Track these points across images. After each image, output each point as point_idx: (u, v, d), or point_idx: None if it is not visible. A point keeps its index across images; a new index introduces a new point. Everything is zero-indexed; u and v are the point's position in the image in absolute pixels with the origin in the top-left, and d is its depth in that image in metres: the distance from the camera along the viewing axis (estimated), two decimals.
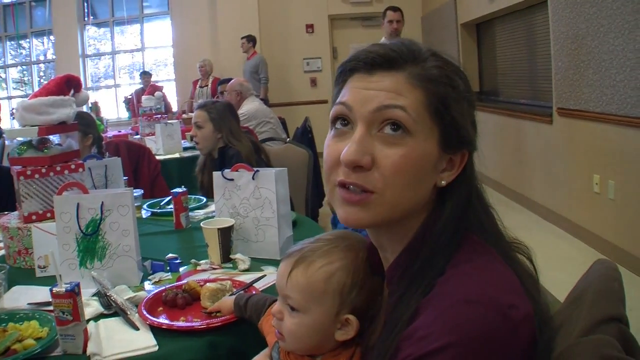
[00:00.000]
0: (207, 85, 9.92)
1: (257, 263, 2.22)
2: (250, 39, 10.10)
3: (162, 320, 1.71)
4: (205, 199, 3.29)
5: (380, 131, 1.03)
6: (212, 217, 2.62)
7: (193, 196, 3.33)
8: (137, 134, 6.89)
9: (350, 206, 1.04)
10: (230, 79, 7.03)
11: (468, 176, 1.09)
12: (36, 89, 11.20)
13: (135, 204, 2.71)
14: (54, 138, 2.56)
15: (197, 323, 1.69)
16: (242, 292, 1.80)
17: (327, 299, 1.20)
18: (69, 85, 2.56)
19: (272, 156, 3.92)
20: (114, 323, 1.73)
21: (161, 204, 3.28)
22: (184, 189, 2.85)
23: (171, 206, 2.89)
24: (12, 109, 10.75)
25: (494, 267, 1.01)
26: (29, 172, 2.37)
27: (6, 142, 4.69)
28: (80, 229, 2.06)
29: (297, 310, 1.23)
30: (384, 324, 1.06)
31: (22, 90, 13.02)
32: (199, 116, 3.69)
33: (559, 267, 4.27)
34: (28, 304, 1.90)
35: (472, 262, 1.00)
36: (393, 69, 1.04)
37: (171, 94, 11.34)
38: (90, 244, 2.06)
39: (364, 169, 1.01)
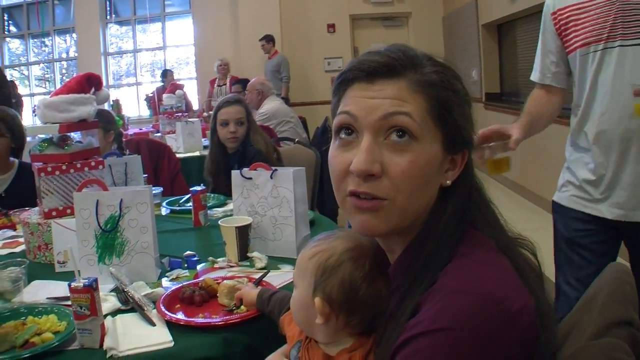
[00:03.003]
0: (225, 84, 9.93)
1: (274, 261, 2.22)
2: (269, 39, 10.10)
3: (180, 316, 1.73)
4: (224, 198, 3.30)
5: (386, 139, 1.05)
6: (231, 215, 2.63)
7: (212, 194, 3.34)
8: (158, 131, 6.92)
9: (362, 213, 1.06)
10: (245, 80, 7.03)
11: (468, 173, 1.13)
12: (58, 86, 11.30)
13: (155, 202, 2.74)
14: (75, 135, 2.59)
15: (214, 319, 1.70)
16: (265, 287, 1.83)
17: (307, 276, 1.25)
18: (89, 83, 2.58)
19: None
20: (131, 318, 1.74)
21: (180, 201, 3.30)
22: (203, 187, 2.87)
23: (190, 204, 2.90)
24: (34, 106, 10.85)
25: (493, 259, 1.03)
26: (49, 169, 2.40)
27: (28, 139, 4.72)
28: (99, 225, 2.08)
29: (295, 285, 1.33)
30: (390, 319, 1.08)
31: (44, 88, 13.13)
32: (240, 112, 3.63)
33: None
34: (47, 298, 1.92)
35: (471, 255, 1.03)
36: (394, 76, 1.06)
37: (192, 92, 11.38)
38: (109, 240, 2.08)
39: (374, 177, 1.03)
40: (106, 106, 6.64)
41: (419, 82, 1.05)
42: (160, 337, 1.61)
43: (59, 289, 1.98)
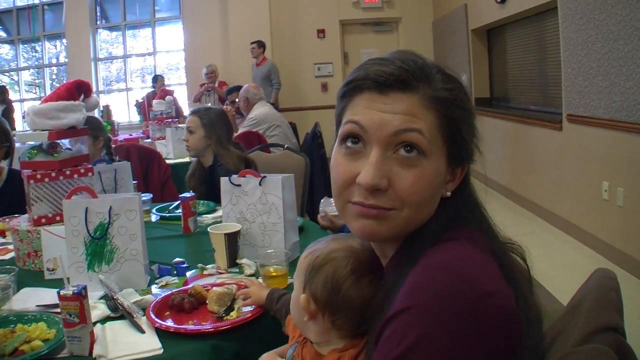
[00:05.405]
0: (213, 90, 9.94)
1: None
2: (261, 44, 10.08)
3: (170, 323, 1.74)
4: (213, 204, 3.31)
5: (395, 153, 1.04)
6: (220, 222, 2.63)
7: (201, 201, 3.35)
8: (148, 137, 6.91)
9: (366, 219, 1.07)
10: (238, 87, 7.06)
11: (466, 183, 1.14)
12: (48, 91, 11.26)
13: (145, 208, 2.74)
14: (64, 142, 2.59)
15: (204, 326, 1.71)
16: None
17: (300, 275, 1.31)
18: (79, 90, 2.58)
19: (270, 163, 3.96)
20: (120, 326, 1.75)
21: (170, 208, 3.30)
22: (193, 194, 2.88)
23: (180, 210, 2.91)
24: (24, 111, 10.81)
25: (471, 247, 1.04)
26: (39, 176, 2.40)
27: (17, 145, 4.74)
28: (88, 232, 2.08)
29: (294, 285, 1.38)
30: (377, 314, 1.08)
31: (34, 93, 13.08)
32: (191, 121, 3.77)
33: (566, 273, 4.27)
34: (36, 305, 1.92)
35: (451, 241, 1.04)
36: (407, 90, 1.05)
37: (182, 97, 11.36)
38: (98, 247, 2.08)
39: (381, 190, 1.04)
40: (96, 112, 6.65)
41: (431, 98, 1.05)
42: (149, 345, 1.61)
43: (49, 296, 1.98)
